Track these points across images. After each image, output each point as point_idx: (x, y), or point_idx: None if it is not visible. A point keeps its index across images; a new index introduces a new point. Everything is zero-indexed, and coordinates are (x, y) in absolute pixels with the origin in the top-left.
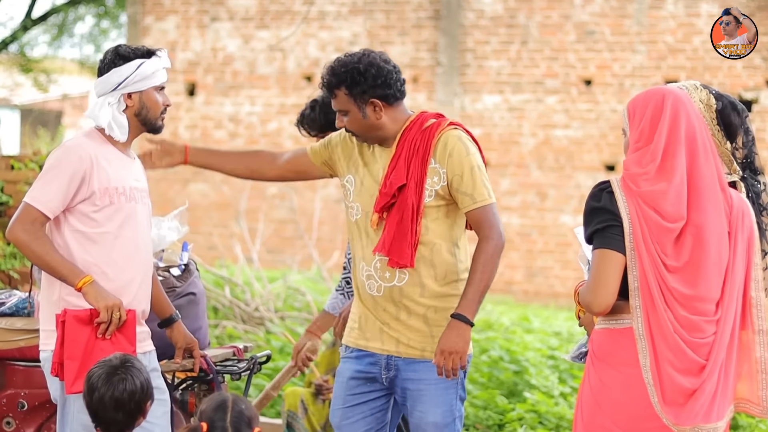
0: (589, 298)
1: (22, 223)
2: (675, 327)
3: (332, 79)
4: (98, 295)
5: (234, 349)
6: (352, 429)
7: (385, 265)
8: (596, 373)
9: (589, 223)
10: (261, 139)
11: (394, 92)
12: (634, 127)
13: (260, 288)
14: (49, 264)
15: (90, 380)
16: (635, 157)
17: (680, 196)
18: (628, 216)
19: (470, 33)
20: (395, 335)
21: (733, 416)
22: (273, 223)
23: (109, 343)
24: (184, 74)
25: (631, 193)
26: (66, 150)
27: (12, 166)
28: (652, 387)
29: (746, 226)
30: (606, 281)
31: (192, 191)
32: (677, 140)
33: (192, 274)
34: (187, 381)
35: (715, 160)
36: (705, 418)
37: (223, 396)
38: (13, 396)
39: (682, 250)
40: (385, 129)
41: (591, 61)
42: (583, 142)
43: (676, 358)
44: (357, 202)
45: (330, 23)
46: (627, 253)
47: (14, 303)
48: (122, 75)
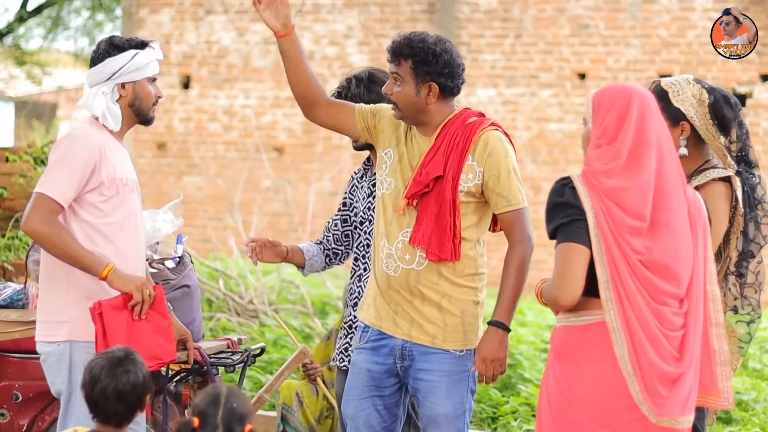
0: (556, 292)
1: (39, 213)
2: (650, 317)
3: (405, 48)
4: (125, 279)
5: (228, 341)
6: (366, 421)
7: (406, 246)
8: (561, 369)
9: (552, 218)
10: (255, 132)
11: (453, 86)
12: (597, 123)
13: (254, 281)
14: (71, 255)
15: (92, 371)
16: (598, 153)
17: (645, 194)
18: (592, 210)
19: (464, 26)
20: (408, 319)
21: (727, 410)
22: (267, 216)
23: (146, 322)
24: (178, 67)
25: (593, 189)
26: (75, 139)
27: (6, 158)
28: (632, 377)
29: (702, 222)
30: (573, 274)
31: (186, 184)
32: (646, 142)
33: (186, 267)
34: (182, 373)
35: (677, 162)
36: (681, 410)
37: (218, 390)
38: (7, 387)
39: (654, 248)
40: (428, 115)
41: (585, 55)
42: (577, 135)
43: (655, 347)
44: (392, 177)
45: (324, 16)
46: (593, 246)
47: (9, 295)
48: (117, 65)
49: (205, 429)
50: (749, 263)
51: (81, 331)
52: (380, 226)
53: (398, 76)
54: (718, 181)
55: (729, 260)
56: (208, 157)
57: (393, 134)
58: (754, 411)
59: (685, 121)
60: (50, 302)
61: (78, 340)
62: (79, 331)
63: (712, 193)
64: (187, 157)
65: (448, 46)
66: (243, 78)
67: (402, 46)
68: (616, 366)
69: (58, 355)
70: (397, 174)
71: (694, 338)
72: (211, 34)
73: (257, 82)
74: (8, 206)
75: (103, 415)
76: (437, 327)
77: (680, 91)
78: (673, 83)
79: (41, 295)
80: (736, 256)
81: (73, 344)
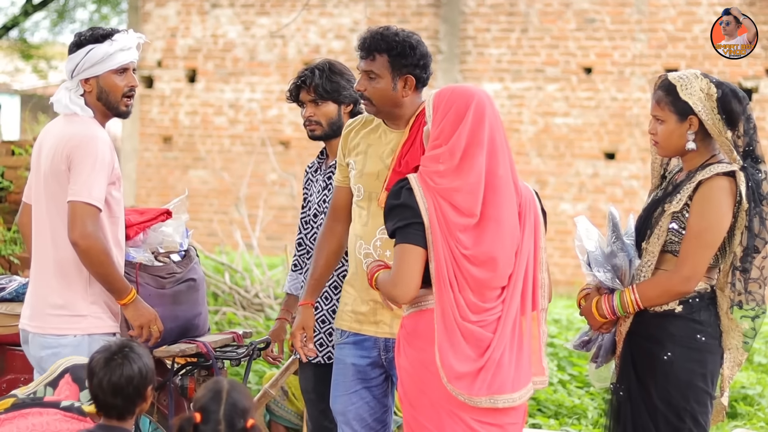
0: (393, 291)
1: (92, 224)
2: (462, 312)
3: (381, 44)
4: (137, 312)
5: (233, 335)
6: (357, 414)
7: (385, 244)
8: (404, 354)
9: (390, 219)
10: (261, 126)
11: (426, 77)
12: (435, 124)
13: (260, 274)
14: (103, 273)
15: (90, 365)
16: (433, 155)
17: (475, 193)
18: (427, 211)
19: (470, 20)
20: (389, 315)
21: (732, 405)
22: (273, 209)
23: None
24: (184, 61)
25: (428, 189)
26: (96, 140)
27: (12, 151)
28: (440, 363)
29: (532, 214)
30: (408, 274)
31: (192, 177)
32: (478, 142)
33: (192, 260)
34: (187, 366)
35: (509, 160)
36: (500, 388)
37: (219, 384)
38: (12, 381)
39: (481, 241)
40: (402, 107)
41: (591, 49)
42: (583, 130)
43: (453, 342)
44: (359, 184)
45: (331, 10)
46: (428, 244)
47: (14, 288)
48: (74, 62)
49: (207, 424)
50: (754, 258)
51: (99, 324)
52: (356, 230)
53: (372, 72)
54: (722, 175)
55: (734, 256)
56: (214, 151)
57: (352, 149)
58: (759, 405)
59: (693, 115)
60: (67, 296)
61: (95, 332)
62: (97, 324)
63: (715, 187)
64: (192, 151)
65: (419, 38)
66: (249, 72)
67: (377, 42)
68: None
69: (74, 347)
70: (362, 178)
71: (507, 320)
72: (217, 27)
73: (263, 76)
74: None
75: (103, 408)
76: None
77: (688, 85)
78: (681, 77)
79: (54, 287)
80: (741, 252)
81: (92, 337)
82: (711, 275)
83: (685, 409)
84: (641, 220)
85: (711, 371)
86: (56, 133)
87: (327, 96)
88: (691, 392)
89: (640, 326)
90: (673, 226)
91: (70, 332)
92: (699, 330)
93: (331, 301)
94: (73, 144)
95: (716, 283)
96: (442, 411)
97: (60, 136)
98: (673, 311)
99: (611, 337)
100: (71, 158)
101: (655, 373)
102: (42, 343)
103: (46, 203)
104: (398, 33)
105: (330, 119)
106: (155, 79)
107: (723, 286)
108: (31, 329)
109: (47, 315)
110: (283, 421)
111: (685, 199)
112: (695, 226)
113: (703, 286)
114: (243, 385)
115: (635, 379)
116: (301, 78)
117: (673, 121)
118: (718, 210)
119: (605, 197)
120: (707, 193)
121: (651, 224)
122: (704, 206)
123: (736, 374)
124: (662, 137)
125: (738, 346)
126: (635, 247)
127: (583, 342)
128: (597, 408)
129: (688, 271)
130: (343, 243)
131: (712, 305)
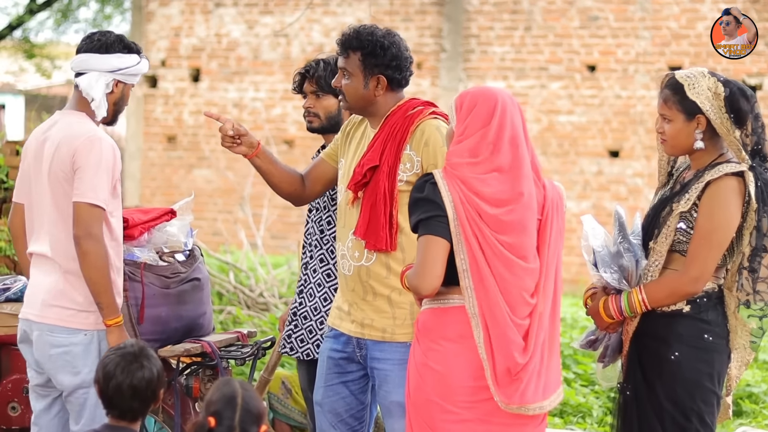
0: (417, 282)
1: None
2: (504, 306)
3: (354, 42)
4: (121, 337)
5: (238, 334)
6: (332, 407)
7: (355, 245)
8: (420, 348)
9: (413, 213)
10: (265, 125)
11: (400, 78)
12: (461, 121)
13: (264, 273)
14: (102, 283)
15: (106, 367)
16: (459, 149)
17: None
18: (452, 203)
19: (474, 18)
20: (360, 316)
21: (737, 403)
22: (277, 208)
23: None
24: (188, 60)
25: (454, 182)
26: (101, 142)
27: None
28: (487, 363)
29: (560, 216)
30: (431, 263)
31: (196, 177)
32: (504, 138)
33: (196, 260)
34: (192, 366)
35: (532, 157)
36: (533, 397)
37: (232, 388)
38: (18, 381)
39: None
40: (376, 107)
41: (595, 47)
42: (587, 128)
43: (507, 335)
44: (342, 184)
45: (334, 9)
46: (453, 238)
47: (19, 288)
48: (125, 63)
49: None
50: (762, 258)
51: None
52: (337, 230)
53: (346, 70)
54: (731, 175)
55: (742, 255)
56: (218, 150)
57: (343, 146)
58: (764, 403)
59: (700, 114)
60: (75, 292)
61: (105, 328)
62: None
63: (724, 188)
64: (197, 150)
65: (396, 39)
66: (253, 71)
67: (351, 39)
68: (468, 348)
69: (86, 344)
70: (344, 180)
71: (540, 325)
72: (221, 26)
73: (267, 75)
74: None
75: (117, 410)
76: (388, 320)
77: (696, 84)
78: (689, 76)
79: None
80: (749, 252)
81: (102, 333)
82: (719, 275)
83: (692, 409)
84: (648, 218)
85: (718, 371)
86: (59, 133)
87: (328, 89)
88: (698, 392)
89: (647, 326)
90: (681, 225)
91: (81, 327)
92: (706, 330)
93: (314, 298)
94: (78, 144)
95: (724, 282)
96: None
97: (63, 136)
98: (680, 311)
99: (618, 337)
100: (76, 158)
101: (662, 372)
102: (51, 341)
103: (52, 201)
104: (374, 32)
105: (329, 113)
106: (159, 78)
107: (731, 286)
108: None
109: (54, 306)
110: (287, 419)
111: (693, 198)
112: (704, 226)
113: (711, 286)
114: (253, 388)
115: (642, 378)
116: (306, 68)
117: (680, 120)
118: (726, 210)
119: (609, 195)
120: (716, 193)
121: (659, 224)
122: (713, 207)
123: (743, 374)
124: (670, 136)
125: (745, 345)
126: (642, 247)
127: (590, 341)
128: (602, 406)
129: (697, 272)
130: (297, 184)
131: (720, 305)
